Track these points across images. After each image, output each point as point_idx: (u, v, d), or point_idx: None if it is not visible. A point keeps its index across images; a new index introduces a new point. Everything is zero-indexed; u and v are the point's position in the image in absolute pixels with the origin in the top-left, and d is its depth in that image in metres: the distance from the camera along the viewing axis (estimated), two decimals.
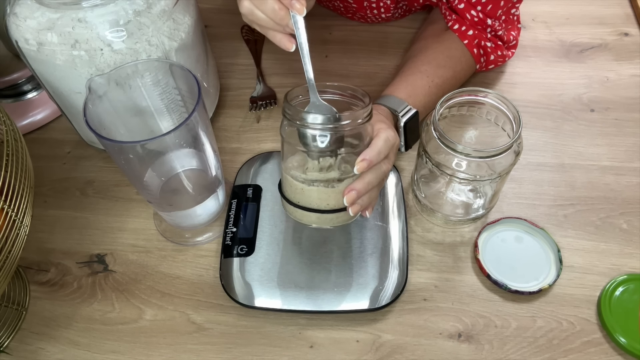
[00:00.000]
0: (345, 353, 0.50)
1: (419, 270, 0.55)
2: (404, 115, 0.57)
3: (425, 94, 0.61)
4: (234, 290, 0.52)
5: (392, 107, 0.57)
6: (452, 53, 0.64)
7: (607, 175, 0.61)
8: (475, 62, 0.66)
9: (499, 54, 0.67)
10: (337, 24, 0.81)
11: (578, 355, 0.49)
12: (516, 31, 0.69)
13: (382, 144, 0.47)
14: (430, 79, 0.61)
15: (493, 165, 0.49)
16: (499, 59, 0.67)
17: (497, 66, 0.69)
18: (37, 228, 0.60)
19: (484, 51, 0.66)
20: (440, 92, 0.62)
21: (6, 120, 0.47)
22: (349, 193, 0.46)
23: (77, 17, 0.49)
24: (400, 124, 0.58)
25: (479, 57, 0.66)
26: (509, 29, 0.67)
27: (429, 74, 0.61)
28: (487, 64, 0.68)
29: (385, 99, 0.59)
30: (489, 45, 0.65)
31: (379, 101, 0.59)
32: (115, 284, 0.56)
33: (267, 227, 0.56)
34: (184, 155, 0.52)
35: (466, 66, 0.65)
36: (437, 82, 0.61)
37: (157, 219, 0.61)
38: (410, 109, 0.58)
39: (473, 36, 0.64)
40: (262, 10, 0.46)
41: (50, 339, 0.53)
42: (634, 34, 0.77)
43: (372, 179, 0.47)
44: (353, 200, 0.46)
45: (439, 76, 0.62)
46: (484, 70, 0.70)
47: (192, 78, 0.46)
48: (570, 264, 0.54)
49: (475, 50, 0.64)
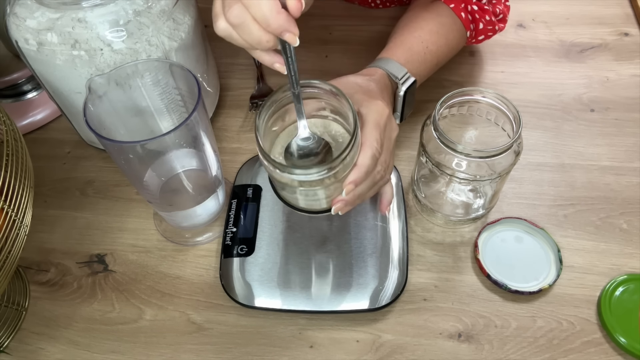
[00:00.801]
0: (345, 353, 0.50)
1: (419, 270, 0.55)
2: (404, 83, 0.55)
3: (421, 61, 0.59)
4: (234, 290, 0.52)
5: (393, 73, 0.55)
6: (443, 20, 0.62)
7: (607, 175, 0.61)
8: (465, 27, 0.64)
9: (487, 19, 0.65)
10: (337, 24, 0.81)
11: (578, 355, 0.49)
12: (503, 6, 0.67)
13: (369, 162, 0.43)
14: (424, 45, 0.60)
15: (493, 165, 0.49)
16: (488, 27, 0.65)
17: (487, 37, 0.67)
18: (37, 228, 0.60)
19: (472, 17, 0.64)
20: (434, 59, 0.61)
21: (6, 120, 0.47)
22: (337, 204, 0.43)
23: (77, 17, 0.49)
24: (400, 93, 0.56)
25: (467, 23, 0.64)
26: (493, 3, 0.66)
27: (423, 39, 0.60)
28: (477, 33, 0.66)
29: (384, 62, 0.56)
30: (476, 10, 0.64)
31: (378, 64, 0.56)
32: (115, 284, 0.56)
33: (267, 227, 0.56)
34: (184, 155, 0.52)
35: (458, 35, 0.64)
36: (431, 48, 0.60)
37: (157, 219, 0.61)
38: (410, 76, 0.56)
39: (459, 0, 0.63)
40: (243, 37, 0.38)
41: (50, 339, 0.53)
42: (634, 34, 0.77)
43: (363, 190, 0.45)
44: (342, 210, 0.44)
45: (432, 42, 0.60)
46: (475, 43, 0.68)
47: (192, 78, 0.46)
48: (570, 264, 0.54)
49: (463, 15, 0.63)
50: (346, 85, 0.49)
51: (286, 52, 0.39)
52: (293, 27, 0.36)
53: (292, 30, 0.36)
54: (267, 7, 0.35)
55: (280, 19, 0.36)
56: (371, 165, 0.43)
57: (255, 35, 0.37)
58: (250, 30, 0.37)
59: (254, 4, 0.36)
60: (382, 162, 0.45)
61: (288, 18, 0.36)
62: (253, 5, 0.36)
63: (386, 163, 0.46)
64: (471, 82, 0.71)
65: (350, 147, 0.40)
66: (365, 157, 0.43)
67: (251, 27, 0.37)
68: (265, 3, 0.35)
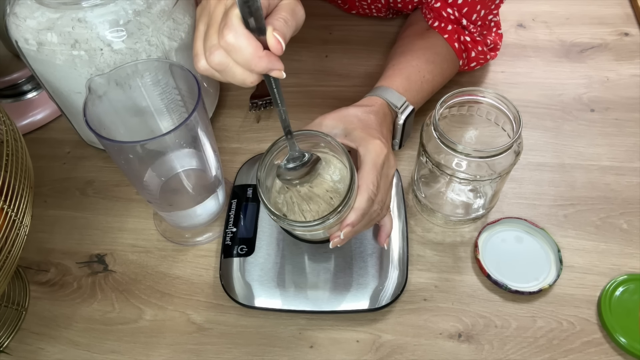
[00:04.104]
0: (345, 353, 0.50)
1: (419, 270, 0.55)
2: (403, 112, 0.56)
3: (419, 90, 0.60)
4: (234, 290, 0.52)
5: (393, 102, 0.56)
6: (438, 50, 0.63)
7: (607, 175, 0.61)
8: (458, 57, 0.65)
9: (480, 49, 0.66)
10: (337, 24, 0.81)
11: (578, 355, 0.49)
12: (495, 36, 0.68)
13: (365, 205, 0.43)
14: (422, 74, 0.60)
15: (493, 165, 0.49)
16: (480, 56, 0.67)
17: (479, 65, 0.68)
18: (37, 228, 0.60)
19: (464, 46, 0.65)
20: (430, 88, 0.62)
21: (6, 120, 0.47)
22: (334, 239, 0.44)
23: (77, 17, 0.49)
24: (400, 122, 0.57)
25: (460, 52, 0.65)
26: (484, 34, 0.67)
27: (420, 69, 0.61)
28: (469, 61, 0.67)
29: (383, 90, 0.57)
30: (468, 40, 0.65)
31: (377, 93, 0.57)
32: (115, 284, 0.56)
33: (267, 227, 0.56)
34: (184, 155, 0.52)
35: (451, 64, 0.65)
36: (427, 77, 0.61)
37: (157, 219, 0.61)
38: (408, 105, 0.57)
39: (452, 31, 0.63)
40: (226, 78, 0.38)
41: (50, 339, 0.53)
42: (634, 34, 0.77)
43: (360, 228, 0.46)
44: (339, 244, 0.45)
45: (429, 71, 0.61)
46: (467, 70, 0.69)
47: (192, 78, 0.46)
48: (571, 264, 0.54)
49: (457, 45, 0.64)
50: (346, 119, 0.49)
51: (270, 82, 0.38)
52: (277, 64, 0.36)
53: (277, 68, 0.36)
54: (249, 52, 0.35)
55: (263, 62, 0.36)
56: (367, 208, 0.44)
57: (239, 78, 0.37)
58: (233, 73, 0.37)
59: (236, 49, 0.35)
60: (378, 201, 0.46)
61: (270, 59, 0.36)
62: (235, 51, 0.36)
63: (383, 202, 0.47)
64: (471, 82, 0.71)
65: (346, 200, 0.42)
66: (362, 200, 0.43)
67: (234, 71, 0.37)
68: (246, 48, 0.35)
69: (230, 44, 0.35)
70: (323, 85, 0.73)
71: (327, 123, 0.49)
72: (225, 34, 0.35)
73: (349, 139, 0.48)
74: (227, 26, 0.35)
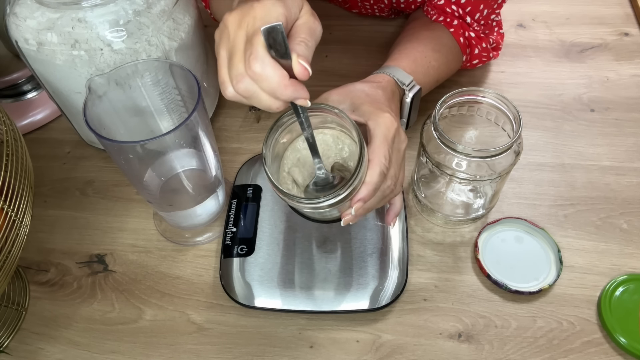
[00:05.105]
0: (345, 353, 0.50)
1: (419, 270, 0.55)
2: (411, 90, 0.56)
3: (425, 73, 0.59)
4: (234, 290, 0.52)
5: (400, 80, 0.55)
6: (444, 41, 0.63)
7: (607, 175, 0.61)
8: (462, 52, 0.65)
9: (483, 46, 0.66)
10: (337, 24, 0.81)
11: (578, 355, 0.49)
12: (497, 35, 0.68)
13: (377, 179, 0.42)
14: (428, 60, 0.60)
15: (493, 165, 0.49)
16: (483, 54, 0.67)
17: (481, 62, 0.68)
18: (37, 228, 0.60)
19: (469, 42, 0.65)
20: (435, 75, 0.61)
21: (6, 120, 0.47)
22: (346, 217, 0.43)
23: (77, 17, 0.49)
24: (407, 99, 0.56)
25: (464, 48, 0.65)
26: (486, 33, 0.67)
27: (426, 55, 0.60)
28: (471, 58, 0.67)
29: (390, 69, 0.56)
30: (472, 36, 0.65)
31: (384, 71, 0.56)
32: (115, 284, 0.56)
33: (267, 227, 0.56)
34: (184, 155, 0.52)
35: (456, 57, 0.65)
36: (433, 64, 0.61)
37: (157, 219, 0.61)
38: (415, 84, 0.56)
39: (458, 25, 0.63)
40: (253, 103, 0.39)
41: (50, 339, 0.53)
42: (634, 34, 0.77)
43: (372, 204, 0.44)
44: (351, 221, 0.44)
45: (435, 59, 0.61)
46: (469, 67, 0.69)
47: (192, 78, 0.46)
48: (571, 264, 0.54)
49: (462, 40, 0.64)
50: (353, 94, 0.48)
51: (297, 108, 0.39)
52: (303, 93, 0.37)
53: (302, 96, 0.37)
54: (276, 81, 0.36)
55: (289, 90, 0.36)
56: (379, 182, 0.43)
57: (265, 104, 0.38)
58: (259, 100, 0.38)
59: (262, 78, 0.36)
60: (391, 176, 0.44)
61: (296, 87, 0.36)
62: (262, 80, 0.36)
63: (396, 177, 0.45)
64: (471, 82, 0.71)
65: (356, 174, 0.40)
66: (373, 174, 0.42)
67: (261, 97, 0.37)
68: (273, 77, 0.36)
69: (257, 73, 0.36)
70: (323, 85, 0.72)
71: (333, 98, 0.48)
72: (252, 64, 0.36)
73: (357, 113, 0.46)
74: (253, 56, 0.36)
